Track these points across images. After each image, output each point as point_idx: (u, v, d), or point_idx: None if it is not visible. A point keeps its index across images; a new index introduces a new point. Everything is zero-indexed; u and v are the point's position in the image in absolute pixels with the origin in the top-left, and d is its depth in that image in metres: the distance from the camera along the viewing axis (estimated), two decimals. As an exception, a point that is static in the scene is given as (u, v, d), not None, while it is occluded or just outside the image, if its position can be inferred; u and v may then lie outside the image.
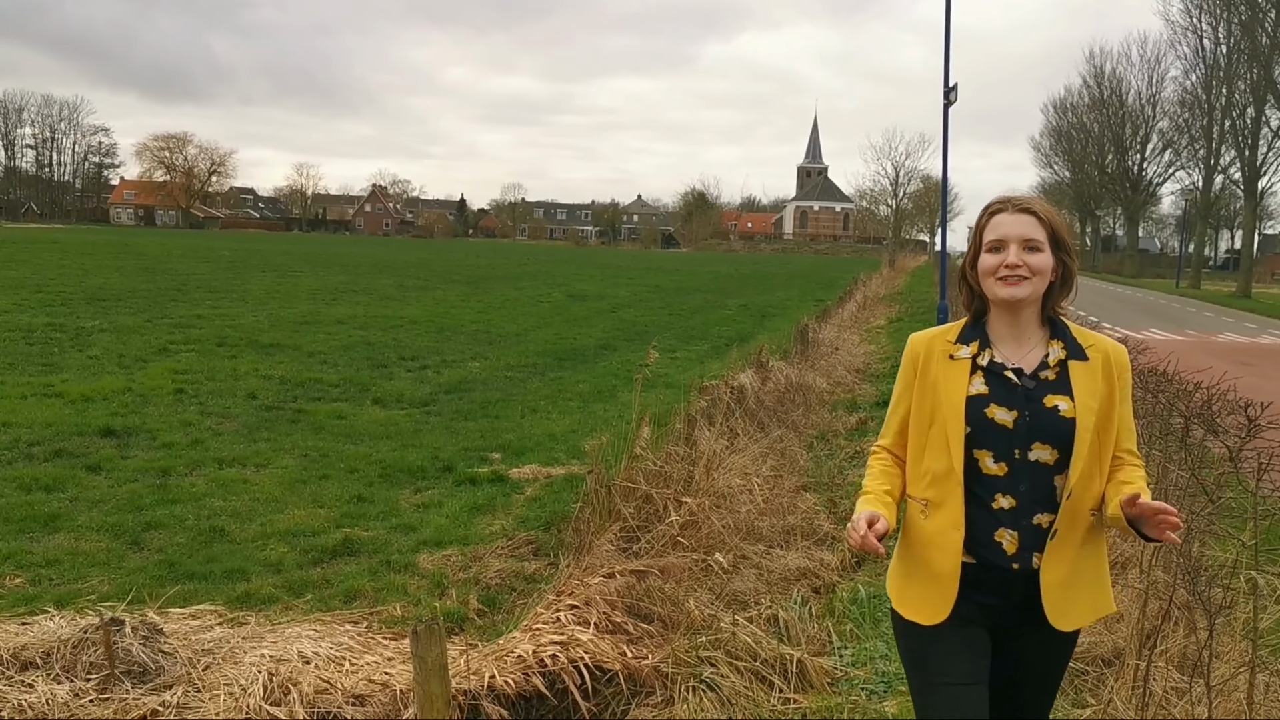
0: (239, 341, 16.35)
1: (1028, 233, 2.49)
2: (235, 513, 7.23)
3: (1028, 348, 2.55)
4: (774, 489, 7.01)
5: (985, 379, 2.52)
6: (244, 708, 3.58)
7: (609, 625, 4.45)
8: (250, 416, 10.65)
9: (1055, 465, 2.47)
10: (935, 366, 2.58)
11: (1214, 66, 56.45)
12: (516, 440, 10.00)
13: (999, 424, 2.47)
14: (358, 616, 5.16)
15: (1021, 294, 2.48)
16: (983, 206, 2.63)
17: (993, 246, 2.52)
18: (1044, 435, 2.46)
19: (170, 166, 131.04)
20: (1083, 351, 2.53)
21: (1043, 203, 2.57)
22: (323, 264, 43.29)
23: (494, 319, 22.40)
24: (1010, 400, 2.48)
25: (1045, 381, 2.50)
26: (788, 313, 26.61)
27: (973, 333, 2.60)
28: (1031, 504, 2.47)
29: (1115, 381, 2.52)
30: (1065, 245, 2.53)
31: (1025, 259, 2.47)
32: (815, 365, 13.75)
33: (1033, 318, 2.56)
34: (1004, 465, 2.48)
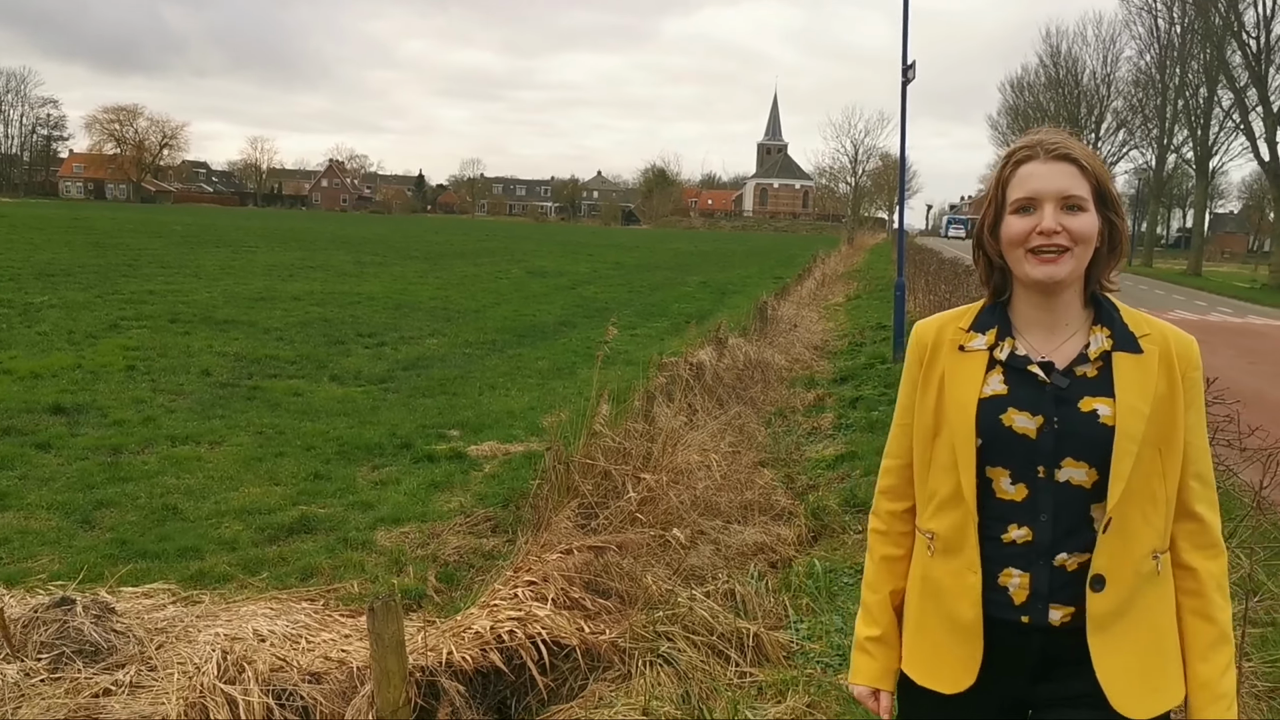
0: (192, 318, 16.14)
1: (1067, 187, 1.89)
2: (189, 490, 7.15)
3: (1062, 336, 1.96)
4: (732, 465, 7.04)
5: (1004, 376, 1.96)
6: (198, 686, 3.55)
7: (567, 601, 4.46)
8: (204, 393, 10.53)
9: (1093, 489, 1.88)
10: (944, 360, 2.03)
11: (1168, 47, 57.03)
12: (475, 417, 9.97)
13: (1019, 433, 1.90)
14: (314, 594, 5.13)
15: (1061, 273, 1.89)
16: (1005, 153, 2.01)
17: (1021, 206, 1.92)
18: (1077, 448, 1.87)
19: (121, 139, 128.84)
20: (1134, 340, 1.93)
21: (1084, 146, 1.95)
22: (278, 239, 42.78)
23: (453, 295, 22.28)
24: (1035, 403, 1.91)
25: (1083, 379, 1.91)
26: (747, 290, 26.67)
27: (991, 317, 2.03)
28: (1053, 538, 1.89)
29: (1178, 381, 1.91)
30: (1112, 200, 1.95)
31: (1065, 222, 1.88)
32: (774, 342, 13.81)
33: (1073, 298, 1.97)
34: (1023, 487, 1.91)
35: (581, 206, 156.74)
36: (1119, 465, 1.85)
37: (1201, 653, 1.93)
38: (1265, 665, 4.43)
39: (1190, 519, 1.96)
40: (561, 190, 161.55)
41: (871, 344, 15.77)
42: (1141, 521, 1.89)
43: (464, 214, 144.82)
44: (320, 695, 3.67)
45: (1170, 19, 55.94)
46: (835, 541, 6.31)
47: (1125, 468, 1.86)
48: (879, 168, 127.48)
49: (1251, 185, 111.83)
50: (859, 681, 2.15)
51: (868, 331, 17.43)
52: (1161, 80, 59.27)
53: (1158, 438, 1.88)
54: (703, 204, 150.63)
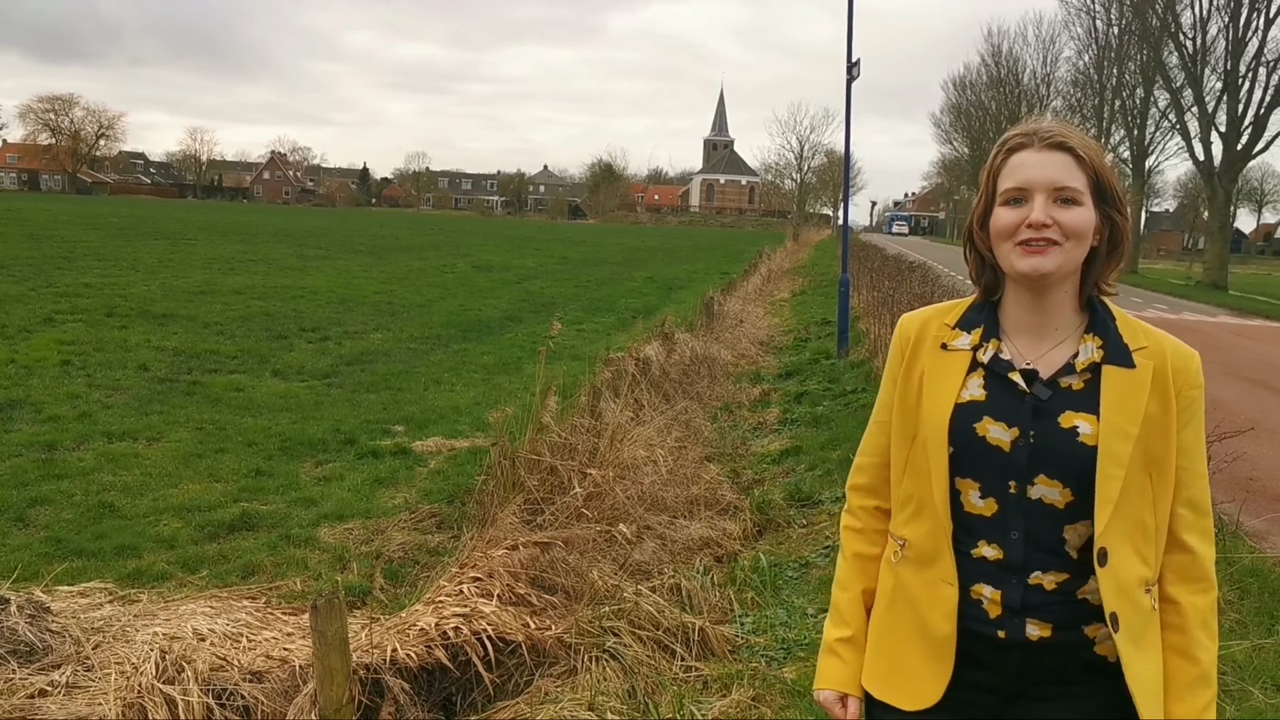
0: (130, 311, 15.83)
1: (1061, 178, 1.78)
2: (126, 488, 7.03)
3: (1051, 342, 1.85)
4: (678, 460, 7.06)
5: (985, 381, 1.85)
6: (136, 686, 3.49)
7: (512, 597, 4.45)
8: (142, 389, 10.35)
9: (1067, 510, 1.78)
10: (925, 357, 1.92)
11: (1106, 47, 57.96)
12: (420, 412, 9.90)
13: (992, 444, 1.80)
14: (256, 592, 5.07)
15: (1048, 265, 1.77)
16: (999, 140, 1.90)
17: (1010, 197, 1.81)
18: (1052, 465, 1.77)
19: (56, 129, 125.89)
20: (1128, 353, 1.81)
21: (1082, 135, 1.83)
22: (219, 232, 42.10)
23: (397, 290, 22.09)
24: (1012, 413, 1.80)
25: (1066, 392, 1.80)
26: (694, 285, 26.74)
27: (978, 315, 1.92)
28: (1025, 558, 1.79)
29: (1173, 400, 1.79)
30: (1113, 195, 1.82)
31: (1057, 216, 1.77)
32: (720, 338, 13.87)
33: (1065, 300, 1.85)
34: (993, 502, 1.81)
35: (528, 201, 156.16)
36: (1105, 489, 1.74)
37: (1179, 693, 1.82)
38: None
39: (1179, 550, 1.84)
40: (508, 184, 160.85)
41: (816, 339, 15.89)
42: (1131, 552, 1.77)
43: (409, 208, 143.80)
44: (262, 694, 3.63)
45: (1108, 20, 56.86)
46: (780, 536, 6.35)
47: (1112, 492, 1.74)
48: (824, 164, 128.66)
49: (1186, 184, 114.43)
50: (826, 686, 2.01)
51: (813, 327, 17.56)
52: (1099, 80, 60.27)
53: (1148, 461, 1.77)
54: (649, 199, 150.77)
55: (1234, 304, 35.36)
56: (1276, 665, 4.74)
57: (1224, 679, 4.39)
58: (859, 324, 15.57)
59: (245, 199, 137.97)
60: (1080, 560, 1.79)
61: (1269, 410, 12.12)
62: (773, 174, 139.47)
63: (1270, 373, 15.95)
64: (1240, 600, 5.48)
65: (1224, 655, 4.57)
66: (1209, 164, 45.73)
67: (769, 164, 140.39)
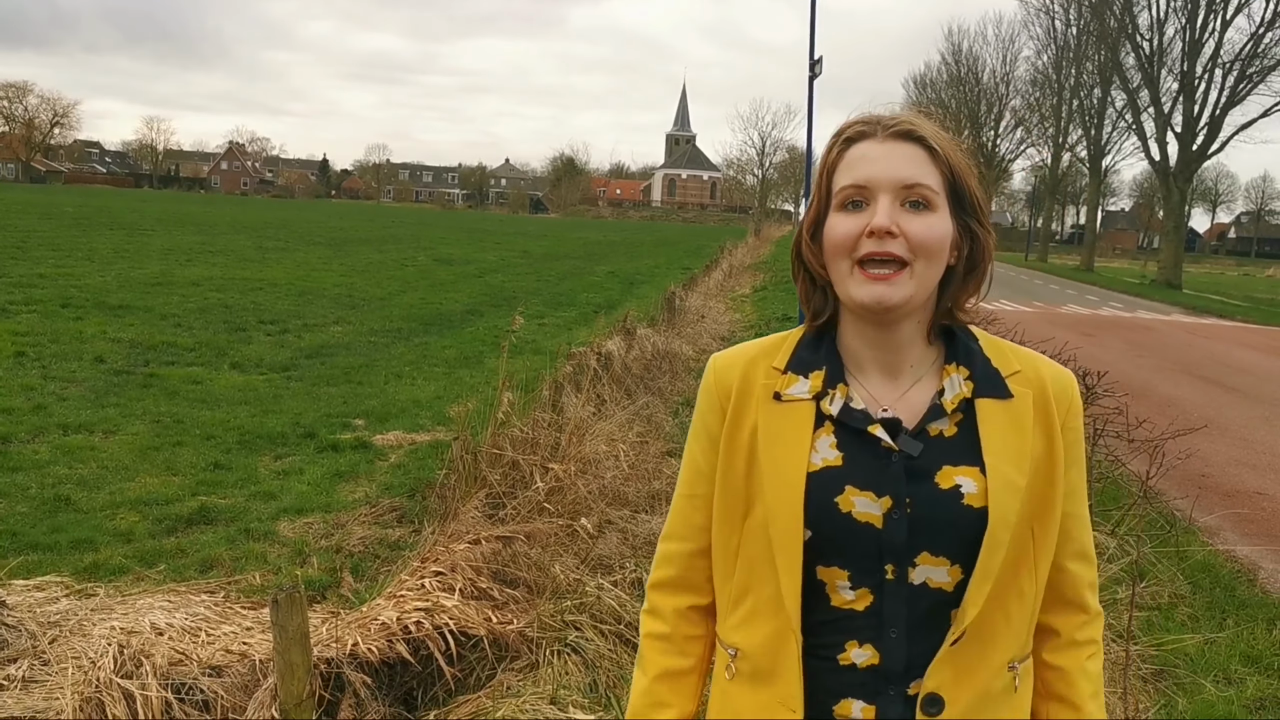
0: (85, 302, 15.60)
1: (909, 174, 1.41)
2: (82, 481, 6.94)
3: (907, 382, 1.48)
4: (640, 455, 7.08)
5: (837, 439, 1.44)
6: (93, 681, 3.46)
7: (474, 591, 4.45)
8: (98, 381, 10.21)
9: (956, 592, 1.41)
10: (754, 411, 1.49)
11: (1064, 47, 58.72)
12: (380, 406, 9.85)
13: (860, 521, 1.40)
14: (214, 586, 5.03)
15: (896, 296, 1.39)
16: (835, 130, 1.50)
17: (847, 198, 1.43)
18: (937, 539, 1.40)
19: (9, 117, 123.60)
20: (1002, 383, 1.46)
21: (936, 125, 1.46)
22: (176, 223, 41.58)
23: (357, 282, 21.94)
24: (879, 478, 1.41)
25: (939, 441, 1.43)
26: (655, 280, 26.76)
27: (814, 353, 1.50)
28: (909, 659, 1.41)
29: (1058, 434, 1.46)
30: (973, 201, 1.46)
31: (904, 224, 1.39)
32: (682, 333, 13.90)
33: (917, 331, 1.48)
34: (866, 593, 1.42)
35: (489, 194, 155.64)
36: (987, 563, 1.38)
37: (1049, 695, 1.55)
38: (1151, 649, 4.63)
39: (1067, 609, 1.53)
40: (469, 177, 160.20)
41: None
42: (1003, 625, 1.43)
43: (369, 200, 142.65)
44: (221, 689, 3.61)
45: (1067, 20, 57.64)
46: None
47: (994, 564, 1.39)
48: (785, 160, 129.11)
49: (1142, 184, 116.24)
50: None
51: (774, 323, 17.65)
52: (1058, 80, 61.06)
53: (1031, 514, 1.43)
54: (611, 194, 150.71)
55: (1188, 303, 35.97)
56: (1228, 658, 4.84)
57: (1176, 672, 4.49)
58: (820, 320, 15.63)
59: (203, 189, 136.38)
60: None
61: (1221, 408, 12.34)
62: (735, 169, 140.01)
63: (1223, 371, 16.24)
64: (1193, 595, 5.59)
65: (1176, 649, 4.67)
66: (1164, 164, 46.45)
67: (731, 159, 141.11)
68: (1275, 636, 5.17)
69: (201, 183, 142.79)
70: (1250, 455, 9.73)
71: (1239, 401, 13.10)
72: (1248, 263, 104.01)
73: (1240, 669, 4.76)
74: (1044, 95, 64.80)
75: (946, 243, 1.43)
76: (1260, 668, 4.79)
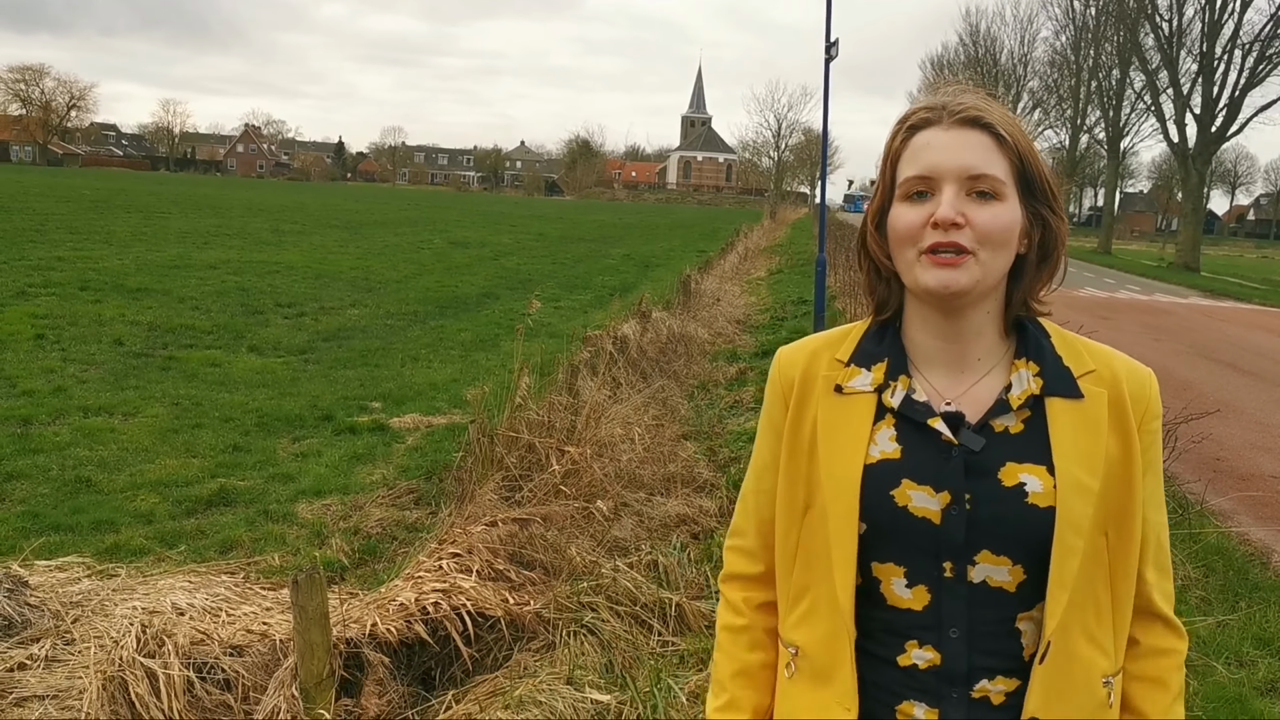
0: (103, 285, 15.71)
1: (975, 163, 1.36)
2: (102, 462, 7.01)
3: (974, 375, 1.43)
4: (655, 438, 7.11)
5: (897, 432, 1.41)
6: (116, 660, 3.51)
7: (491, 573, 4.49)
8: (117, 363, 10.29)
9: (1019, 594, 1.37)
10: (815, 404, 1.47)
11: (1083, 28, 58.19)
12: (397, 389, 9.90)
13: (917, 516, 1.37)
14: (234, 567, 5.08)
15: (962, 281, 1.35)
16: (900, 117, 1.45)
17: (912, 189, 1.39)
18: (998, 538, 1.35)
19: (26, 100, 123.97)
20: (1073, 381, 1.40)
21: (1004, 110, 1.41)
22: (192, 206, 41.72)
23: (374, 265, 22.00)
24: (938, 473, 1.37)
25: (1004, 438, 1.38)
26: (670, 263, 26.74)
27: (878, 346, 1.48)
28: (970, 661, 1.37)
29: (1134, 436, 1.39)
30: (1044, 188, 1.41)
31: (970, 213, 1.35)
32: (697, 316, 13.90)
33: (987, 322, 1.43)
34: (923, 590, 1.39)
35: (504, 177, 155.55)
36: (1062, 568, 1.33)
37: None
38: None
39: (1144, 619, 1.46)
40: (484, 160, 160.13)
41: (793, 319, 15.95)
42: (1085, 641, 1.36)
43: (385, 183, 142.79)
44: (242, 668, 3.65)
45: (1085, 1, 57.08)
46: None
47: (1069, 572, 1.33)
48: (801, 142, 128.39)
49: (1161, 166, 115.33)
50: None
51: (789, 306, 17.63)
52: (1076, 61, 60.51)
53: (1106, 520, 1.36)
54: (626, 176, 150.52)
55: (1206, 286, 35.73)
56: (1239, 641, 4.85)
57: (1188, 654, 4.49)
58: (835, 303, 15.65)
59: (219, 172, 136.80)
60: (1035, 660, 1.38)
61: (1237, 391, 12.29)
62: (750, 152, 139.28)
63: (1239, 354, 16.16)
64: (1205, 578, 5.59)
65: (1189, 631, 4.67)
66: (1183, 146, 46.06)
67: (746, 142, 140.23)
68: (1289, 620, 5.17)
69: (217, 165, 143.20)
70: (1266, 439, 9.69)
71: (1255, 385, 13.04)
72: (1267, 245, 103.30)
73: (1252, 651, 4.76)
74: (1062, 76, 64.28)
75: (1014, 232, 1.38)
76: (1272, 650, 4.79)
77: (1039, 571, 1.35)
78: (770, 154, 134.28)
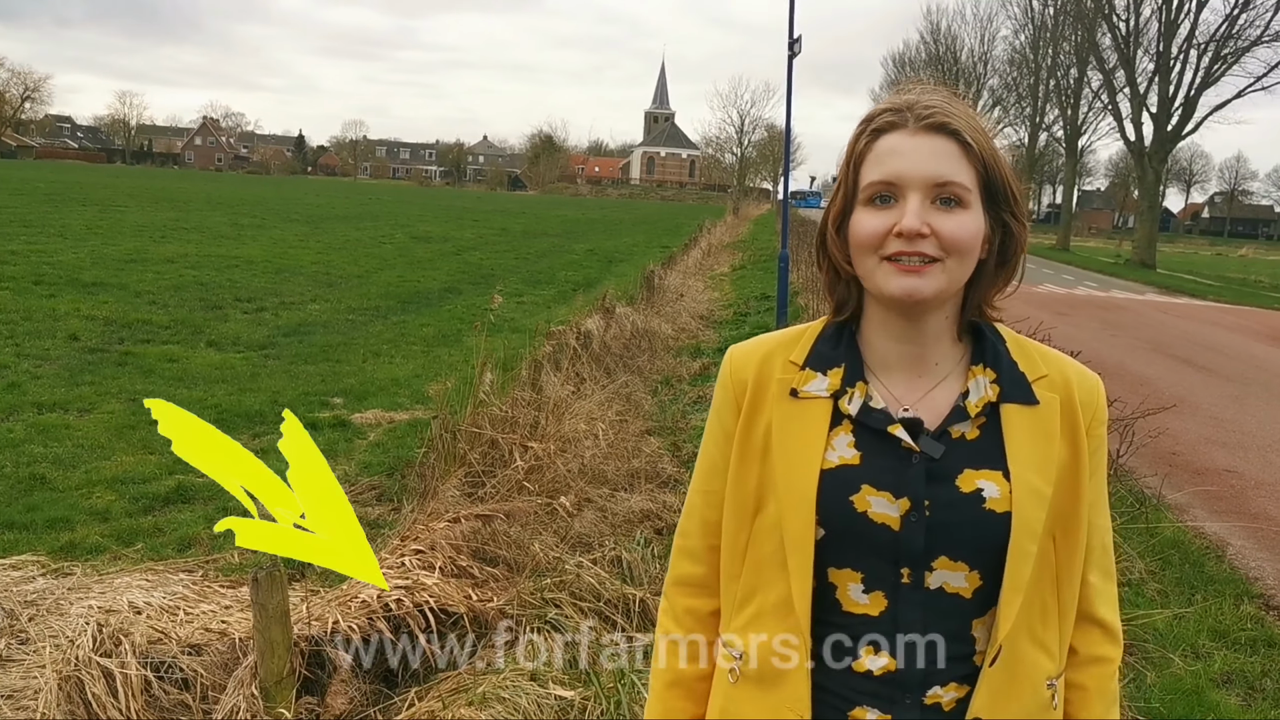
0: (58, 279, 15.46)
1: (941, 171, 1.34)
2: (57, 459, 6.91)
3: (931, 380, 1.43)
4: (619, 433, 7.10)
5: (855, 438, 1.40)
6: (72, 659, 3.46)
7: (454, 569, 4.47)
8: (72, 359, 10.14)
9: (975, 599, 1.37)
10: (769, 407, 1.45)
11: (1041, 28, 58.74)
12: (359, 384, 9.83)
13: (876, 522, 1.36)
14: (193, 565, 5.02)
15: (927, 289, 1.34)
16: (864, 117, 1.42)
17: (875, 193, 1.36)
18: (955, 544, 1.35)
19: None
20: (1028, 387, 1.41)
21: (970, 113, 1.39)
22: (149, 199, 41.15)
23: (335, 260, 21.82)
24: (898, 480, 1.36)
25: (961, 444, 1.39)
26: (634, 258, 26.73)
27: (834, 349, 1.45)
28: (926, 668, 1.37)
29: (1083, 441, 1.41)
30: (1007, 194, 1.40)
31: (935, 223, 1.33)
32: (661, 311, 13.91)
33: (944, 327, 1.43)
34: (880, 596, 1.38)
35: (467, 171, 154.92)
36: (1016, 573, 1.34)
37: None
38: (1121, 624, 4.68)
39: (1093, 627, 1.48)
40: (446, 154, 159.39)
41: (756, 314, 16.01)
42: (1031, 643, 1.38)
43: (346, 176, 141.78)
44: (201, 667, 3.61)
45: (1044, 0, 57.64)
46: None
47: (1023, 576, 1.34)
48: (764, 139, 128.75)
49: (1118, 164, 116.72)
50: None
51: (752, 302, 17.68)
52: (1035, 60, 61.07)
53: (1055, 524, 1.38)
54: (590, 171, 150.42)
55: (1162, 282, 36.25)
56: (1195, 633, 4.92)
57: (1145, 646, 4.56)
58: (798, 299, 15.70)
59: (176, 165, 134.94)
60: None
61: (1192, 387, 12.47)
62: (713, 148, 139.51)
63: (1195, 350, 16.39)
64: (1162, 571, 5.67)
65: (1146, 624, 4.73)
66: (1140, 144, 46.62)
67: (710, 138, 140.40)
68: (1243, 612, 5.26)
69: (175, 158, 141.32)
70: (1220, 433, 9.84)
71: (1210, 380, 13.24)
72: (1221, 242, 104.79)
73: (1208, 644, 4.84)
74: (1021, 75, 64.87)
75: (979, 240, 1.37)
76: (1228, 642, 4.87)
77: (994, 578, 1.35)
78: (733, 150, 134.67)
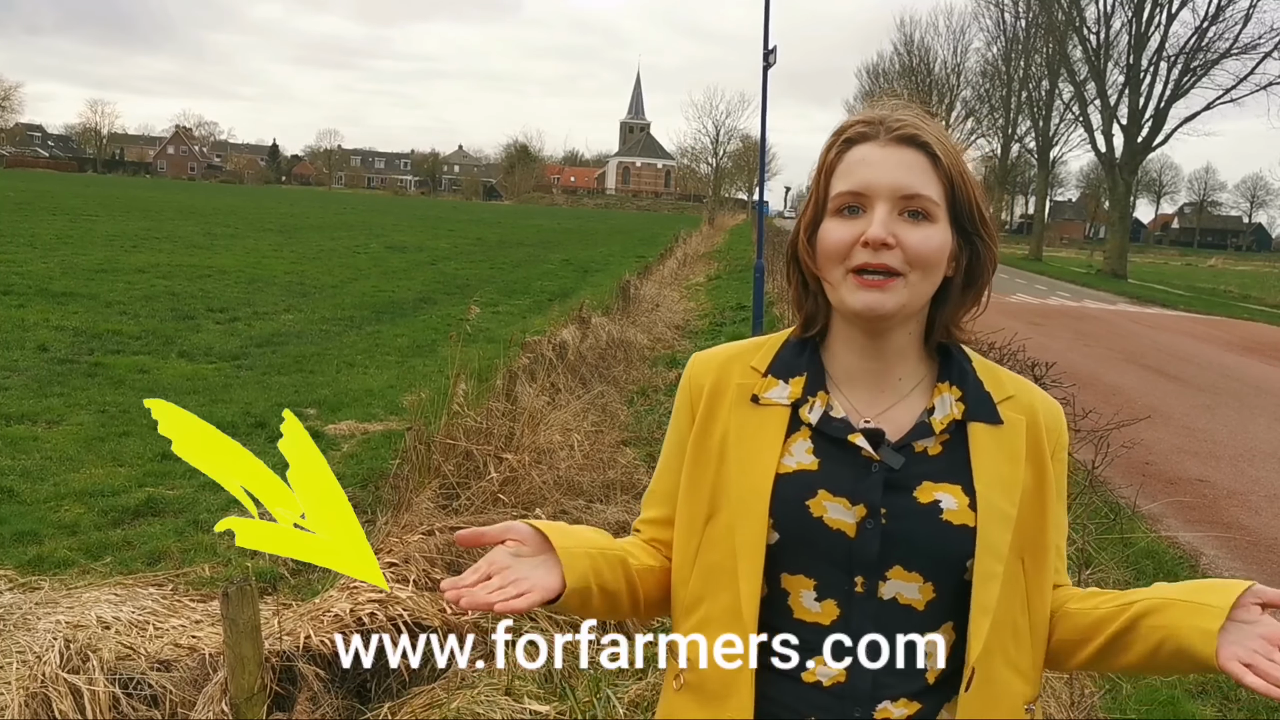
0: (27, 289, 15.28)
1: (909, 183, 1.34)
2: (25, 472, 6.81)
3: (894, 396, 1.42)
4: (595, 444, 7.07)
5: (814, 445, 1.39)
6: (39, 676, 3.40)
7: (428, 582, 4.43)
8: (41, 370, 10.02)
9: (928, 613, 1.35)
10: (727, 413, 1.44)
11: (1013, 39, 59.33)
12: (332, 395, 9.76)
13: (831, 529, 1.34)
14: (162, 579, 4.96)
15: (888, 304, 1.34)
16: (836, 129, 1.43)
17: (844, 204, 1.37)
18: (910, 554, 1.34)
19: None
20: (993, 407, 1.41)
21: (940, 128, 1.41)
22: (121, 208, 40.83)
23: (309, 270, 21.70)
24: (856, 486, 1.35)
25: (922, 457, 1.38)
26: (610, 268, 26.74)
27: (797, 359, 1.45)
28: (875, 679, 1.33)
29: (1048, 466, 1.41)
30: (974, 213, 1.40)
31: (901, 234, 1.33)
32: (636, 321, 13.90)
33: (910, 342, 1.43)
34: (833, 605, 1.35)
35: (442, 181, 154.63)
36: (982, 594, 1.33)
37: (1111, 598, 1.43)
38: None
39: (1062, 588, 1.49)
40: (422, 164, 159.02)
41: (732, 324, 16.03)
42: (1006, 667, 1.36)
43: (320, 186, 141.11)
44: (170, 683, 3.56)
45: (1016, 13, 58.19)
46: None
47: (990, 597, 1.33)
48: (740, 149, 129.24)
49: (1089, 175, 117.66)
50: None
51: (728, 312, 17.71)
52: (1007, 72, 61.69)
53: (1023, 547, 1.37)
54: (565, 181, 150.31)
55: (1133, 292, 36.60)
56: (1168, 642, 4.92)
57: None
58: (774, 309, 15.75)
59: (149, 174, 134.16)
60: (939, 684, 1.36)
61: (1165, 396, 12.57)
62: (689, 158, 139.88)
63: (1166, 360, 16.54)
64: (1136, 581, 5.68)
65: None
66: (1110, 155, 47.10)
67: (685, 148, 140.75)
68: (1216, 621, 5.28)
69: (147, 167, 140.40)
70: (1192, 443, 9.92)
71: (1181, 390, 13.35)
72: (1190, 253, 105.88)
73: (1183, 653, 4.85)
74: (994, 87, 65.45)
75: (944, 255, 1.37)
76: (1202, 652, 4.89)
77: (947, 591, 1.35)
78: (709, 160, 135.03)
